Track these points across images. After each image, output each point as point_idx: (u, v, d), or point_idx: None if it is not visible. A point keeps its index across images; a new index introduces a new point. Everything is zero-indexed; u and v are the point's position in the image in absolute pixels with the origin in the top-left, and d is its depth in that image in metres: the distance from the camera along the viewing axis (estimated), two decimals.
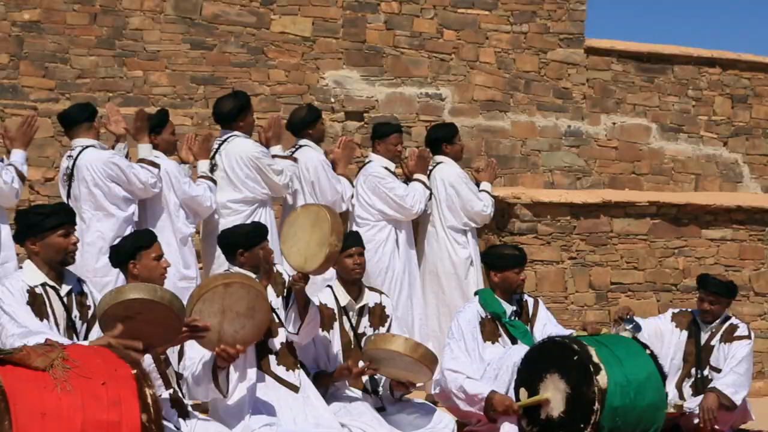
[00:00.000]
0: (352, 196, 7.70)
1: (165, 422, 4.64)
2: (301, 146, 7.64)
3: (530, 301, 6.70)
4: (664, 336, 6.95)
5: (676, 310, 7.19)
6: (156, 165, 6.77)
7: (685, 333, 6.96)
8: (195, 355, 5.05)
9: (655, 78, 10.88)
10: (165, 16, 9.41)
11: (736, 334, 6.84)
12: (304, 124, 7.66)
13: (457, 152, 8.15)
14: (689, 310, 7.17)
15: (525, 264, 6.71)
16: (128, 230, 6.52)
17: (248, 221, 6.74)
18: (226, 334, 4.84)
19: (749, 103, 11.12)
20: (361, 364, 5.75)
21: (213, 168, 7.20)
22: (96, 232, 6.57)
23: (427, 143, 8.30)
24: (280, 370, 5.59)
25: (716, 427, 6.56)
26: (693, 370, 6.88)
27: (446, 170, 7.98)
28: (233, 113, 7.24)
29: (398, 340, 5.69)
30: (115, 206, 6.65)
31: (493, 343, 6.42)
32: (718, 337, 6.87)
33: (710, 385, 6.65)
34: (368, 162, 7.89)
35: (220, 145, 7.26)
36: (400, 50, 10.07)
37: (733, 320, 6.99)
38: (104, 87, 9.22)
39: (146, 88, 9.34)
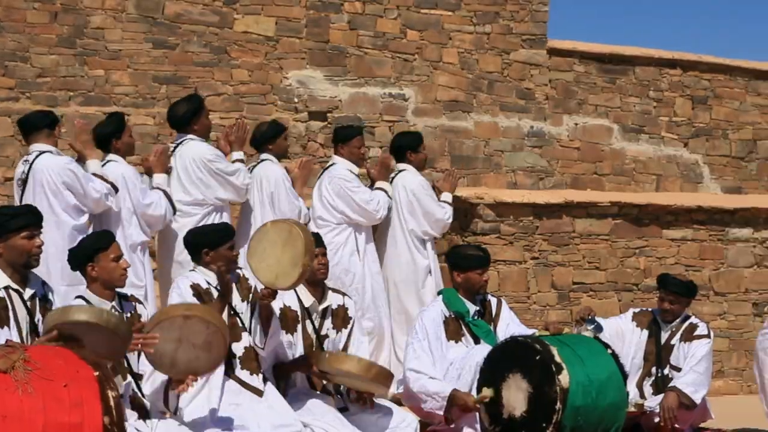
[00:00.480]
0: (308, 216, 7.68)
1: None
2: (262, 160, 7.64)
3: (493, 301, 6.73)
4: (625, 335, 7.00)
5: (637, 310, 7.24)
6: (107, 181, 6.67)
7: (645, 332, 7.01)
8: (148, 367, 5.03)
9: (616, 79, 10.95)
10: (127, 15, 9.35)
11: (696, 333, 6.90)
12: (266, 138, 7.64)
13: (421, 161, 8.14)
14: (650, 309, 7.22)
15: (488, 265, 6.74)
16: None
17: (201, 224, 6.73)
18: (180, 362, 4.83)
19: (709, 104, 11.23)
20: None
21: (168, 173, 7.15)
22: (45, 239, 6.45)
23: (391, 150, 8.32)
24: (243, 375, 5.58)
25: (676, 425, 6.62)
26: (653, 369, 6.93)
27: (408, 178, 7.99)
28: (187, 116, 7.20)
29: (351, 360, 5.69)
30: (66, 214, 6.53)
31: (456, 342, 6.45)
32: (678, 336, 6.93)
33: (670, 384, 6.71)
34: (332, 164, 7.88)
35: (174, 148, 7.23)
36: (363, 50, 10.08)
37: (693, 319, 7.05)
38: (65, 86, 9.14)
39: (108, 87, 9.28)
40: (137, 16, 9.37)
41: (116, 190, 6.67)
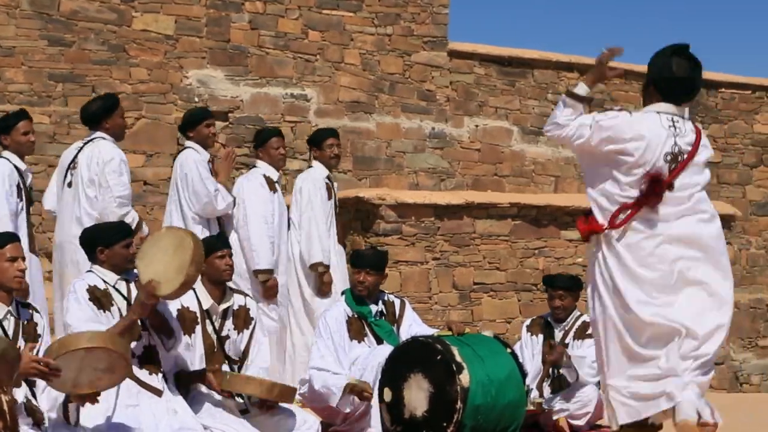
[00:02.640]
0: (234, 203, 7.56)
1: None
2: (184, 148, 7.58)
3: (397, 302, 6.75)
4: (525, 348, 7.12)
5: (528, 322, 7.32)
6: None
7: (540, 336, 7.12)
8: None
9: (516, 81, 11.10)
10: (21, 12, 9.14)
11: (589, 331, 7.01)
12: (186, 125, 7.56)
13: (326, 158, 8.00)
14: (540, 316, 7.32)
15: (366, 266, 6.57)
16: None
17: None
18: (82, 383, 4.76)
19: (606, 107, 11.44)
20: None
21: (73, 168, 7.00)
22: None
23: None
24: (142, 374, 5.49)
25: (574, 422, 6.73)
26: (551, 370, 7.03)
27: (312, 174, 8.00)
28: (98, 114, 7.08)
29: (253, 383, 5.66)
30: None
31: (359, 342, 6.47)
32: (571, 334, 7.05)
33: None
34: (253, 167, 7.81)
35: (84, 144, 7.10)
36: (264, 50, 10.02)
37: (585, 317, 7.16)
38: None
39: (1, 84, 9.05)
40: (32, 12, 9.16)
41: None
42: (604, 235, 4.86)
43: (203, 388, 5.82)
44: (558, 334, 7.08)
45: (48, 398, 4.93)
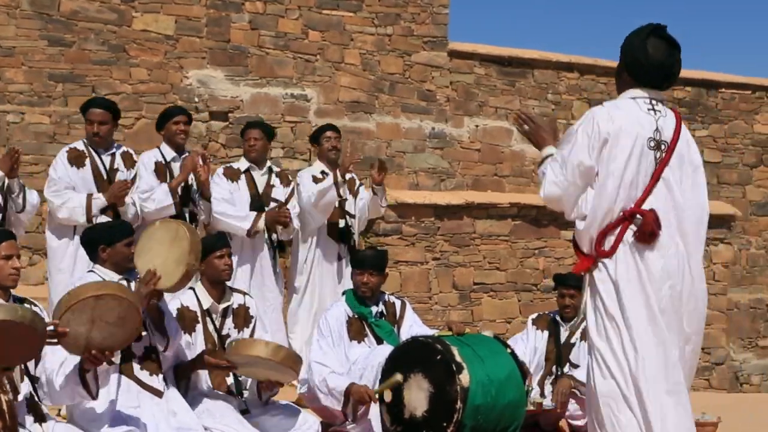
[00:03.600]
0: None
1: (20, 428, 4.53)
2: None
3: (397, 303, 6.74)
4: (528, 341, 7.11)
5: (534, 316, 7.31)
6: None
7: (546, 333, 7.11)
8: (55, 361, 4.90)
9: (516, 82, 11.10)
10: (21, 12, 9.14)
11: None
12: (157, 125, 7.53)
13: (324, 152, 8.03)
14: (547, 312, 7.32)
15: (368, 267, 6.56)
16: None
17: None
18: (94, 341, 4.72)
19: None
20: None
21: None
22: None
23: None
24: (143, 375, 5.49)
25: (574, 423, 6.73)
26: (554, 369, 7.03)
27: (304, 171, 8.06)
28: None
29: (259, 344, 5.64)
30: None
31: (359, 342, 6.47)
32: (577, 334, 7.04)
33: (566, 374, 6.83)
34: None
35: None
36: (264, 50, 10.02)
37: None
38: None
39: (1, 84, 9.05)
40: (32, 12, 9.16)
41: None
42: None
43: (203, 387, 5.82)
44: (564, 333, 7.08)
45: (64, 376, 4.88)
